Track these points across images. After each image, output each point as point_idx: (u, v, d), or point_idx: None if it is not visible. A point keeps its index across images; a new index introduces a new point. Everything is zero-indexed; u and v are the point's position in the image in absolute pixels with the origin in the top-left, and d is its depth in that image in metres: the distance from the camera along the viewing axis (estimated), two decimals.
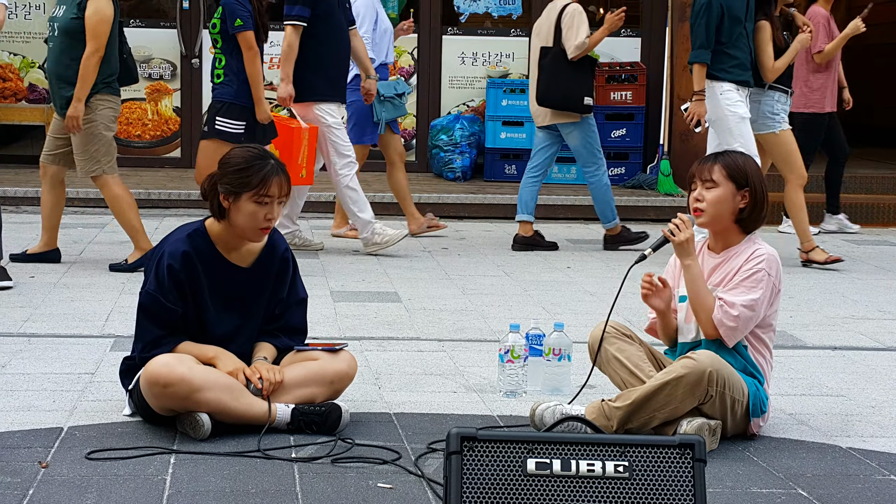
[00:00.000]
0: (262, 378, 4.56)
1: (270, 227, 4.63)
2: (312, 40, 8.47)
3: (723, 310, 4.56)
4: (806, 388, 5.53)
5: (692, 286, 4.62)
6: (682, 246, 4.61)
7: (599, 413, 4.47)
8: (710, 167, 4.68)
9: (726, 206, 4.65)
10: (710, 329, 4.60)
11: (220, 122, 8.09)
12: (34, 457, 4.25)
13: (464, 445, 3.32)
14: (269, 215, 4.58)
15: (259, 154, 4.61)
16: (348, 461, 4.28)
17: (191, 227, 4.70)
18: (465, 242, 9.56)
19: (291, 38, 8.43)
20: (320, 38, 8.48)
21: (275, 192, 4.57)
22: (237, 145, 4.89)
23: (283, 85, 8.43)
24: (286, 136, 8.41)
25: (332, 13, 8.50)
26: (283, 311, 4.81)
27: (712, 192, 4.65)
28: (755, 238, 4.75)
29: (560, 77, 8.97)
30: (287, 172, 4.65)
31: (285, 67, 8.44)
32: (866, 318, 7.10)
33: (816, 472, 4.35)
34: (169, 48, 12.38)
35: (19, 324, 6.30)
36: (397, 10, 12.64)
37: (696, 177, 4.70)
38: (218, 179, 4.60)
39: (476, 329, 6.50)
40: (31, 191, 10.59)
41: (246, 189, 4.54)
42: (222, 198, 4.59)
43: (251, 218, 4.58)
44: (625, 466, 3.33)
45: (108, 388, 5.09)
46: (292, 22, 8.43)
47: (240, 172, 4.56)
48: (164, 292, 4.56)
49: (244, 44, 8.02)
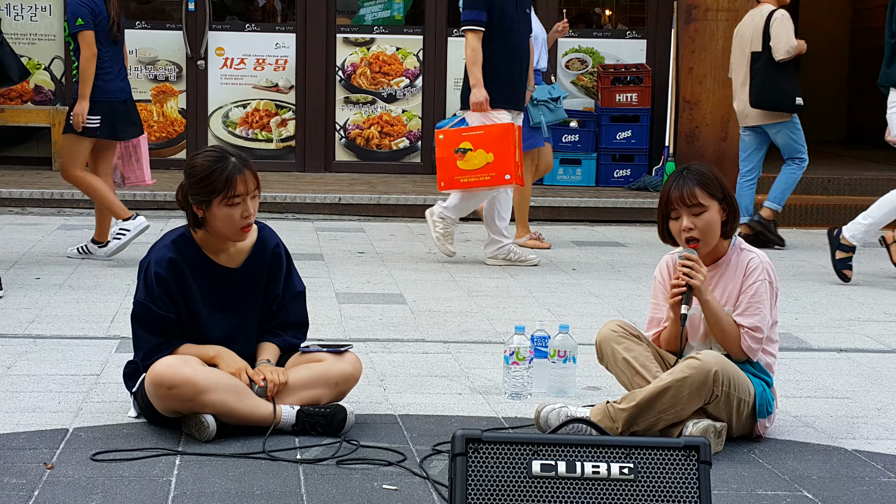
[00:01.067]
0: (266, 379, 4.56)
1: (250, 224, 4.60)
2: (489, 45, 8.38)
3: (749, 336, 4.59)
4: (811, 390, 5.52)
5: (716, 321, 4.60)
6: (700, 287, 4.58)
7: (604, 415, 4.47)
8: (691, 190, 4.58)
9: (716, 226, 4.64)
10: (740, 356, 4.63)
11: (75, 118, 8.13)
12: (39, 458, 4.25)
13: (469, 447, 3.32)
14: (245, 213, 4.56)
15: (218, 156, 4.56)
16: (353, 463, 4.28)
17: (176, 232, 4.68)
18: (470, 244, 9.55)
19: (473, 42, 8.33)
20: (496, 43, 8.39)
21: (242, 189, 4.53)
22: (197, 151, 4.84)
23: (475, 90, 8.31)
24: (500, 136, 8.25)
25: (504, 16, 8.39)
26: (282, 307, 4.80)
27: (702, 217, 4.59)
28: (740, 243, 4.74)
29: (773, 80, 9.44)
30: (251, 167, 4.59)
31: (474, 72, 8.31)
32: (871, 320, 7.09)
33: (822, 474, 4.34)
34: (174, 50, 12.39)
35: (25, 325, 6.31)
36: (403, 11, 12.65)
37: (678, 204, 4.60)
38: (187, 191, 4.59)
39: (481, 331, 6.50)
40: (36, 192, 10.61)
41: (214, 195, 4.52)
42: (195, 208, 4.58)
43: (228, 221, 4.56)
44: (630, 468, 3.32)
45: (114, 390, 5.09)
46: (470, 27, 8.34)
47: (203, 181, 4.52)
48: (155, 300, 4.56)
49: (83, 42, 8.06)
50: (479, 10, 8.34)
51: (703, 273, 4.56)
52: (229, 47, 12.43)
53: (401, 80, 12.51)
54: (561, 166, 12.07)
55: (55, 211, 10.52)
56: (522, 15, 8.54)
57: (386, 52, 12.48)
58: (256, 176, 4.60)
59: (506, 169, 8.21)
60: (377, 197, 10.94)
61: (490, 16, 8.35)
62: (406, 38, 12.55)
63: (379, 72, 12.49)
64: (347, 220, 10.72)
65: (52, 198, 10.62)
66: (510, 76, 8.47)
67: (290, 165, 12.47)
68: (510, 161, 8.22)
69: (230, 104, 12.48)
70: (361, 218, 10.76)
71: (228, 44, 12.43)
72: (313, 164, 12.44)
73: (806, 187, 11.07)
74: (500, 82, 8.41)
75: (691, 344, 4.76)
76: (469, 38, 8.37)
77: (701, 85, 11.80)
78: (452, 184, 8.38)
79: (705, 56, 11.76)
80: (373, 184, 11.69)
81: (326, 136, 12.48)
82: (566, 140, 12.12)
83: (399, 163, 12.59)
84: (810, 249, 9.79)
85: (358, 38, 12.51)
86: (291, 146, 12.50)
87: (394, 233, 10.08)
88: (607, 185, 12.12)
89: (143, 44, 12.37)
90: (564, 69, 12.56)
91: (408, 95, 12.50)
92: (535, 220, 10.84)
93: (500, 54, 8.39)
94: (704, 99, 11.79)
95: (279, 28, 12.59)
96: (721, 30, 11.67)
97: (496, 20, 8.36)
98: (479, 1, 8.34)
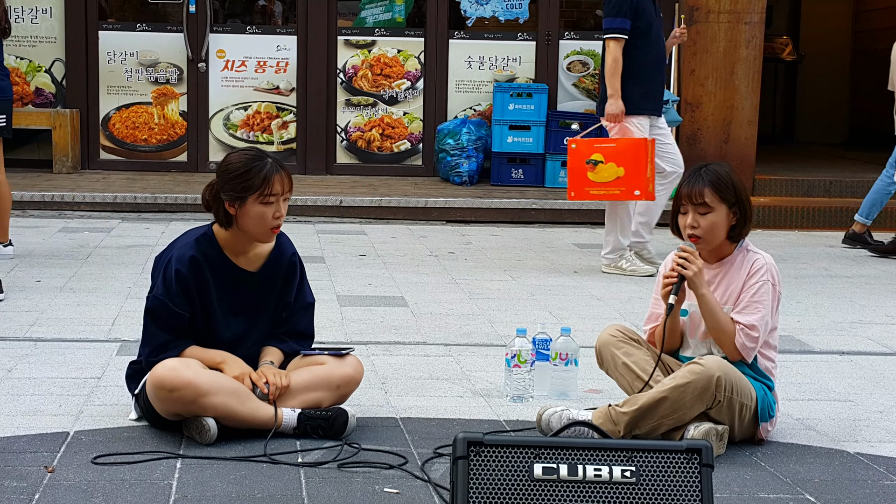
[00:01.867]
0: (268, 382, 4.56)
1: (280, 226, 4.63)
2: (632, 52, 8.30)
3: (745, 333, 4.57)
4: (813, 392, 5.52)
5: (711, 317, 4.59)
6: (694, 279, 4.59)
7: (606, 418, 4.46)
8: (700, 190, 4.60)
9: (721, 228, 4.63)
10: (734, 354, 4.60)
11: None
12: (40, 461, 4.24)
13: (470, 450, 3.31)
14: (278, 213, 4.58)
15: (256, 155, 4.60)
16: (354, 466, 4.27)
17: (198, 231, 4.69)
18: (471, 247, 9.55)
19: (615, 51, 8.25)
20: (640, 50, 8.32)
21: (278, 189, 4.56)
22: (231, 151, 4.85)
23: (612, 101, 8.25)
24: (632, 150, 8.18)
25: (651, 24, 8.34)
26: (290, 316, 4.81)
27: (707, 217, 4.60)
28: (748, 245, 4.73)
29: None
30: (287, 169, 4.63)
31: (613, 82, 8.25)
32: (874, 322, 7.08)
33: (824, 477, 4.33)
34: (175, 52, 12.38)
35: (25, 328, 6.30)
36: (404, 14, 12.64)
37: (686, 200, 4.63)
38: (220, 188, 4.59)
39: (483, 333, 6.49)
40: (37, 195, 10.61)
41: (250, 192, 4.54)
42: (227, 205, 4.58)
43: (260, 219, 4.57)
44: (632, 471, 3.32)
45: (115, 393, 5.08)
46: (614, 35, 8.26)
47: (241, 177, 4.54)
48: (172, 297, 4.56)
49: None
50: (624, 17, 8.24)
51: (697, 265, 4.57)
52: (230, 49, 12.42)
53: (402, 82, 12.50)
54: (563, 168, 12.05)
55: (56, 213, 10.52)
56: (660, 19, 8.49)
57: (387, 54, 12.47)
58: (291, 179, 4.63)
59: (636, 184, 8.15)
60: (378, 199, 10.94)
61: (635, 24, 8.26)
62: (407, 41, 12.54)
63: (380, 74, 12.49)
64: (349, 222, 10.71)
65: (53, 200, 10.62)
66: (654, 83, 8.42)
67: (291, 168, 12.30)
68: (641, 176, 8.15)
69: (231, 106, 12.48)
70: (363, 220, 10.76)
71: (229, 46, 12.43)
72: (314, 166, 12.44)
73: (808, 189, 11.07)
74: (643, 89, 8.35)
75: (691, 341, 4.75)
76: (611, 47, 8.26)
77: (702, 87, 11.78)
78: (582, 194, 8.36)
79: (707, 58, 11.75)
80: (374, 186, 11.69)
81: (327, 138, 12.47)
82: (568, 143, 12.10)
83: (400, 165, 12.58)
84: (812, 252, 9.78)
85: (359, 41, 12.50)
86: (293, 148, 12.49)
87: (395, 235, 10.07)
88: None
89: (143, 46, 12.37)
90: (566, 71, 12.56)
91: (409, 98, 12.49)
92: (537, 223, 10.85)
93: (644, 61, 8.32)
94: (706, 101, 11.78)
95: (280, 30, 12.59)
96: (722, 32, 11.66)
97: (642, 27, 8.28)
98: (624, 8, 8.24)
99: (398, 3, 12.61)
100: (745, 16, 11.35)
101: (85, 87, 12.27)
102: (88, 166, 12.26)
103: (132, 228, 9.95)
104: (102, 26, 12.33)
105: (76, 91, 12.27)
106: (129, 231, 9.80)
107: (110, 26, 12.37)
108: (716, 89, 11.75)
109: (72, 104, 12.22)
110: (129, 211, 10.65)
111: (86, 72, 12.27)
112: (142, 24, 12.41)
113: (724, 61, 11.63)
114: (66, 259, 8.37)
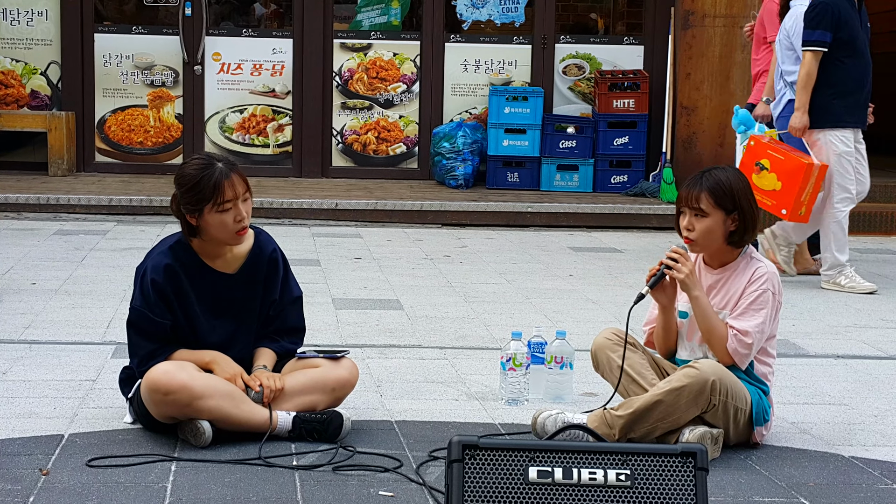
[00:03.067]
0: (262, 385, 4.55)
1: (245, 227, 4.60)
2: (833, 65, 8.15)
3: (737, 339, 4.56)
4: (808, 396, 5.52)
5: (703, 319, 4.59)
6: (686, 281, 4.59)
7: (601, 421, 4.46)
8: (697, 195, 4.60)
9: (717, 234, 4.62)
10: (726, 359, 4.59)
11: None
12: (35, 464, 4.24)
13: (465, 453, 3.31)
14: (238, 217, 4.55)
15: (205, 164, 4.55)
16: (349, 469, 4.27)
17: (172, 238, 4.67)
18: (467, 250, 9.55)
19: (810, 65, 8.10)
20: (842, 63, 8.17)
21: (230, 195, 4.52)
22: (185, 161, 4.81)
23: (798, 114, 8.13)
24: (795, 170, 8.04)
25: (856, 36, 8.20)
26: (279, 312, 4.79)
27: (702, 222, 4.60)
28: (751, 252, 4.73)
29: None
30: (238, 170, 4.58)
31: (801, 97, 8.13)
32: (868, 326, 7.09)
33: (819, 480, 4.33)
34: (171, 55, 12.38)
35: (20, 330, 6.29)
36: (400, 17, 12.64)
37: (684, 203, 4.64)
38: (179, 201, 4.59)
39: (478, 337, 6.49)
40: (32, 197, 10.60)
41: (204, 203, 4.51)
42: (188, 217, 4.58)
43: (222, 227, 4.56)
44: (626, 475, 3.32)
45: (109, 396, 5.08)
46: (813, 48, 8.11)
47: (192, 189, 4.52)
48: (151, 306, 4.55)
49: None
50: (825, 30, 8.08)
51: (688, 267, 4.57)
52: (226, 52, 12.42)
53: (398, 85, 12.50)
54: (558, 172, 12.07)
55: (51, 216, 10.51)
56: (866, 30, 8.35)
57: (383, 57, 12.48)
58: (245, 179, 4.59)
59: (785, 203, 8.08)
60: (374, 202, 10.94)
61: (837, 35, 8.09)
62: (403, 44, 12.54)
63: (376, 77, 12.49)
64: (344, 225, 10.71)
65: (48, 203, 10.61)
66: (858, 96, 8.29)
67: (286, 171, 12.46)
68: (791, 198, 8.03)
69: (227, 109, 12.48)
70: (358, 223, 10.76)
71: (225, 49, 12.43)
72: (310, 169, 12.43)
73: None
74: (846, 102, 8.22)
75: (687, 344, 4.75)
76: (808, 59, 8.11)
77: (698, 91, 11.79)
78: None
79: (703, 62, 11.75)
80: (370, 189, 11.69)
81: (323, 141, 12.47)
82: (563, 146, 12.12)
83: (396, 168, 12.58)
84: None
85: (355, 44, 12.50)
86: (288, 151, 12.49)
87: (391, 238, 10.07)
88: (604, 191, 12.11)
89: (139, 49, 12.36)
90: (562, 75, 12.56)
91: (405, 101, 12.49)
92: (533, 227, 10.86)
93: (851, 74, 8.20)
94: (702, 105, 11.79)
95: (276, 33, 12.59)
96: (718, 36, 11.67)
97: (844, 39, 8.13)
98: (826, 20, 8.07)
99: (394, 6, 12.61)
100: (740, 20, 11.35)
101: (80, 90, 12.27)
102: (84, 169, 12.25)
103: (127, 231, 9.94)
104: (98, 29, 12.33)
105: (72, 93, 12.26)
106: (124, 234, 9.80)
107: (106, 29, 12.37)
108: (711, 93, 11.76)
109: (67, 107, 12.21)
110: (125, 213, 10.65)
111: (81, 74, 12.27)
112: (138, 27, 12.41)
113: (719, 65, 11.63)
114: (61, 261, 8.37)
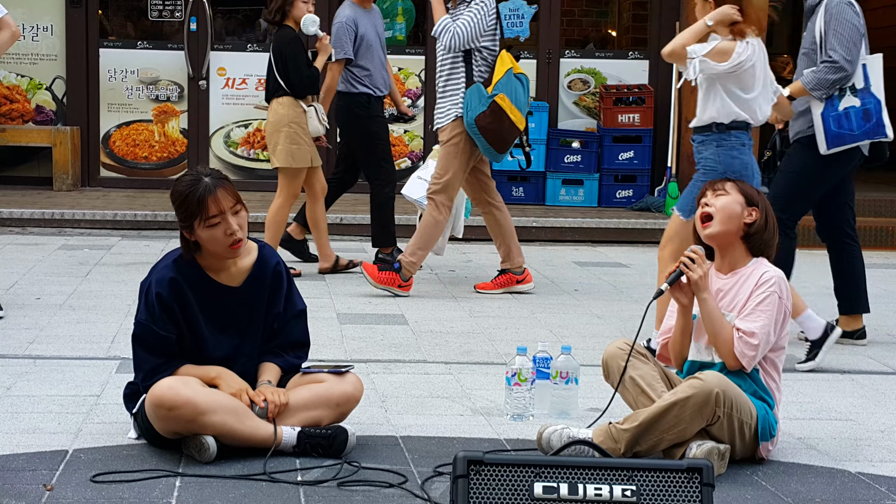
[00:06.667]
0: (267, 400, 4.54)
1: (238, 240, 4.58)
2: None
3: (743, 340, 4.56)
4: (815, 412, 5.50)
5: (710, 321, 4.61)
6: (698, 282, 4.60)
7: (607, 436, 4.45)
8: (723, 181, 4.79)
9: (734, 215, 4.68)
10: (731, 361, 4.60)
11: None
12: (39, 479, 4.23)
13: (470, 469, 3.30)
14: (229, 231, 4.55)
15: (192, 180, 4.56)
16: (354, 485, 4.26)
17: (176, 252, 4.68)
18: (471, 265, 9.54)
19: None
20: None
21: (215, 209, 4.52)
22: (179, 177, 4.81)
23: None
24: None
25: None
26: (283, 326, 4.78)
27: (721, 198, 4.72)
28: (762, 260, 4.74)
29: None
30: (225, 184, 4.56)
31: None
32: (875, 342, 7.07)
33: (825, 496, 4.32)
34: (176, 70, 12.40)
35: (25, 345, 6.29)
36: (405, 32, 12.65)
37: (708, 188, 4.79)
38: None
39: (483, 352, 6.48)
40: (37, 212, 10.61)
41: (193, 219, 4.53)
42: (186, 234, 4.59)
43: (214, 241, 4.56)
44: (632, 491, 3.31)
45: (114, 411, 5.07)
46: None
47: (181, 206, 4.55)
48: (155, 320, 4.55)
49: None
50: None
51: (703, 269, 4.61)
52: (231, 67, 12.44)
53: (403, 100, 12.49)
54: (563, 186, 12.07)
55: (56, 231, 10.51)
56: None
57: None
58: (233, 192, 4.58)
59: None
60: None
61: None
62: (408, 59, 12.55)
63: None
64: (349, 239, 10.70)
65: (53, 218, 10.62)
66: None
67: None
68: None
69: (232, 124, 12.49)
70: (363, 238, 10.74)
71: (230, 64, 12.44)
72: None
73: None
74: None
75: (695, 346, 4.76)
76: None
77: None
78: None
79: None
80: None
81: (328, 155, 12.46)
82: (568, 160, 12.12)
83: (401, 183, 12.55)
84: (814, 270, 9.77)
85: None
86: None
87: None
88: (609, 206, 12.11)
89: (144, 64, 12.38)
90: (566, 90, 12.57)
91: None
92: (538, 241, 10.85)
93: None
94: None
95: None
96: None
97: None
98: None
99: (399, 21, 12.63)
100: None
101: (85, 105, 12.29)
102: (88, 184, 12.26)
103: (132, 246, 9.94)
104: (103, 44, 12.35)
105: (77, 108, 12.28)
106: (128, 248, 9.80)
107: (111, 44, 12.39)
108: None
109: (72, 122, 12.23)
110: (129, 228, 10.65)
111: (86, 89, 12.29)
112: (143, 42, 12.43)
113: None
114: (66, 276, 8.37)
